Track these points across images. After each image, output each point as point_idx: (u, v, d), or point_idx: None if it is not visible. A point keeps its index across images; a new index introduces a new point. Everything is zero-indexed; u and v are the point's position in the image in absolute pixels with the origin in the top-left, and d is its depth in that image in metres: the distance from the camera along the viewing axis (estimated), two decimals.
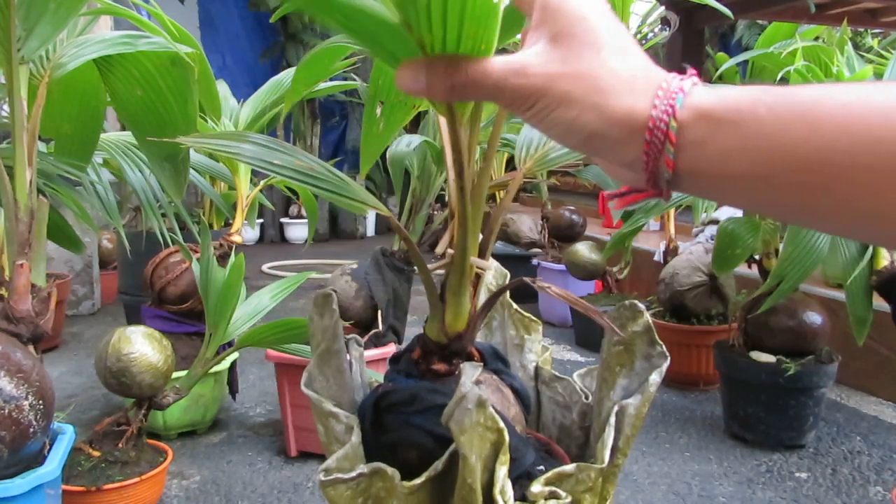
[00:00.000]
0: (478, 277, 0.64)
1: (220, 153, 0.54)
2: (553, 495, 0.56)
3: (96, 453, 1.24)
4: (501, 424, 0.55)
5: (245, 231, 1.70)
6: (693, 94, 0.34)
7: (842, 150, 0.30)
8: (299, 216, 5.14)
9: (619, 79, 0.35)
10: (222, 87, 1.63)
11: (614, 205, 0.39)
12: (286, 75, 1.64)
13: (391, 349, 1.55)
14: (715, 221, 2.25)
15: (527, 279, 0.62)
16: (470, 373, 0.57)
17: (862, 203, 0.30)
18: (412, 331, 0.95)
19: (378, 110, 0.80)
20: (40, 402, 0.91)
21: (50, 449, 0.98)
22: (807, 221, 0.35)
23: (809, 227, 0.91)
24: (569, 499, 0.56)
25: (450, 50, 0.39)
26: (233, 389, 1.77)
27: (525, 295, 2.80)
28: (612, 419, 0.61)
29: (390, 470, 0.56)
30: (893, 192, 0.29)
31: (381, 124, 0.79)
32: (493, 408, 0.55)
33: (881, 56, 1.86)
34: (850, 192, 0.30)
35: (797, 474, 1.51)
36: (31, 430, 0.89)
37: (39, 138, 1.02)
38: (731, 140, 0.33)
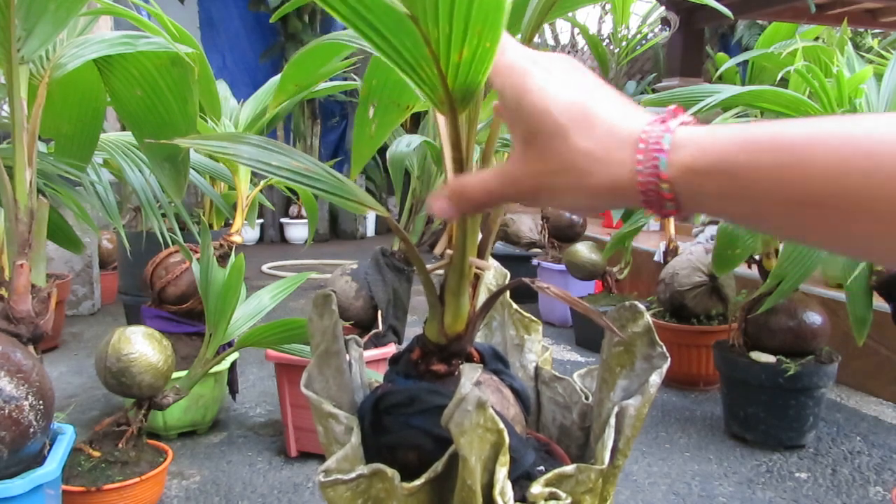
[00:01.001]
0: (477, 278, 0.63)
1: (219, 154, 0.54)
2: (553, 496, 0.56)
3: (96, 453, 1.24)
4: (501, 425, 0.55)
5: (245, 231, 1.70)
6: (675, 149, 0.36)
7: (826, 192, 0.32)
8: (299, 216, 5.15)
9: (592, 158, 0.38)
10: (222, 87, 1.63)
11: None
12: None
13: (391, 349, 1.55)
14: (715, 221, 2.25)
15: (526, 279, 0.62)
16: (469, 374, 0.57)
17: (847, 234, 0.33)
18: (412, 331, 0.95)
19: (371, 111, 0.79)
20: (40, 402, 0.91)
21: (50, 449, 0.97)
22: (810, 245, 0.39)
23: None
24: (569, 500, 0.56)
25: (455, 46, 0.39)
26: (233, 389, 1.77)
27: (525, 295, 2.80)
28: (612, 420, 0.61)
29: (390, 471, 0.56)
30: (873, 224, 0.32)
31: (373, 125, 0.79)
32: (493, 409, 0.55)
33: (881, 56, 1.86)
34: (834, 227, 0.33)
35: (797, 474, 1.51)
36: (31, 430, 0.89)
37: (39, 138, 1.02)
38: (721, 187, 0.36)
